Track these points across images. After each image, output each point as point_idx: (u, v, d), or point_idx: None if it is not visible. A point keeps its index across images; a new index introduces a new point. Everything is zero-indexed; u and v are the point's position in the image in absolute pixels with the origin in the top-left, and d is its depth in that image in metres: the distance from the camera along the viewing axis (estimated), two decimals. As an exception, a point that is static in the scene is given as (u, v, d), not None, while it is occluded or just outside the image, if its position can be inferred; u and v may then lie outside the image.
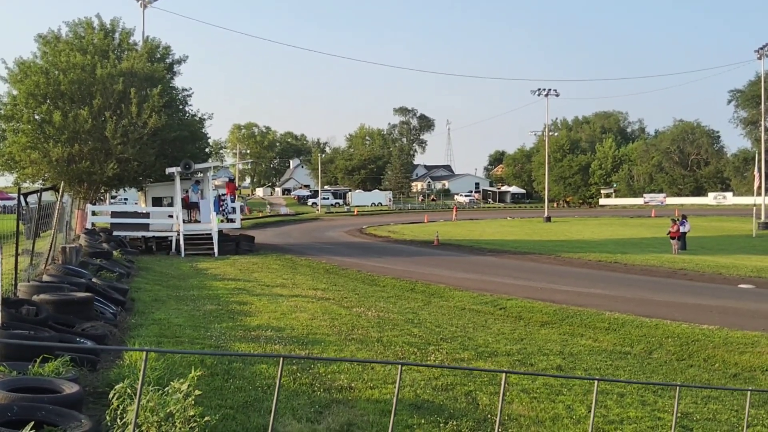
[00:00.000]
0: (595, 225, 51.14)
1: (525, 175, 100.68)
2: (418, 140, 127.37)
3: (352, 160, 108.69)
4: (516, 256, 28.96)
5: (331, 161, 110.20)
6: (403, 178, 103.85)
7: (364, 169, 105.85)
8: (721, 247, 31.55)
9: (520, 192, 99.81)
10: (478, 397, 7.72)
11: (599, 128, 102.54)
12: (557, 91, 61.32)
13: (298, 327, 11.07)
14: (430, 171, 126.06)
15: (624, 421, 7.20)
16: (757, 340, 12.35)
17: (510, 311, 15.81)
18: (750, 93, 70.92)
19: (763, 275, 21.03)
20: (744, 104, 74.38)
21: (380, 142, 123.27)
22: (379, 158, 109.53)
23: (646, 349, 12.27)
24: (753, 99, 67.08)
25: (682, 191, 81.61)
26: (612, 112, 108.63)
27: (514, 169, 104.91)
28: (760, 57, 46.69)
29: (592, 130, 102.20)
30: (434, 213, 70.47)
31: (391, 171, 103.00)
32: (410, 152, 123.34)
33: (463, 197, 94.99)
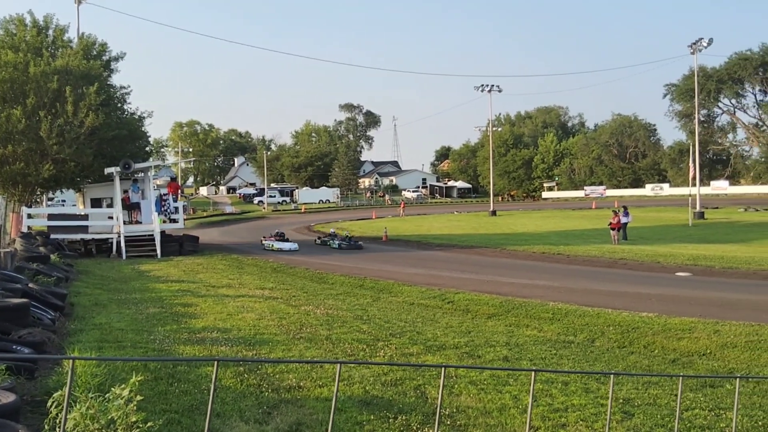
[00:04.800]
0: (538, 218, 52.20)
1: (471, 170, 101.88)
2: (365, 136, 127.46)
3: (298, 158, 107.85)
4: (463, 250, 29.29)
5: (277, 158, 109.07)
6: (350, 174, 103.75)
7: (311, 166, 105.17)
8: (659, 236, 32.64)
9: (466, 187, 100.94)
10: (427, 391, 7.77)
11: (541, 123, 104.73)
12: (500, 86, 62.05)
13: (245, 327, 10.92)
14: (377, 167, 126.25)
15: (569, 408, 7.36)
16: (694, 326, 12.80)
17: (458, 305, 15.98)
18: (684, 87, 73.45)
19: (699, 263, 21.83)
20: (679, 98, 76.97)
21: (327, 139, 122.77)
22: (326, 155, 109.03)
23: (588, 338, 12.59)
24: (687, 93, 69.50)
25: (621, 183, 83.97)
26: (553, 107, 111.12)
27: (460, 164, 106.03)
28: (694, 52, 48.42)
29: (535, 125, 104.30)
30: (382, 209, 70.64)
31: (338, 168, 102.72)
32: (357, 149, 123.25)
33: (410, 193, 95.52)
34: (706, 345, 11.75)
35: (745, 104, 77.47)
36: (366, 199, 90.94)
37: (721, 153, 79.34)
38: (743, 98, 76.92)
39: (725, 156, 78.84)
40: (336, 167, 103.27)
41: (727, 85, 74.51)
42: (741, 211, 50.41)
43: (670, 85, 79.14)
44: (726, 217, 46.47)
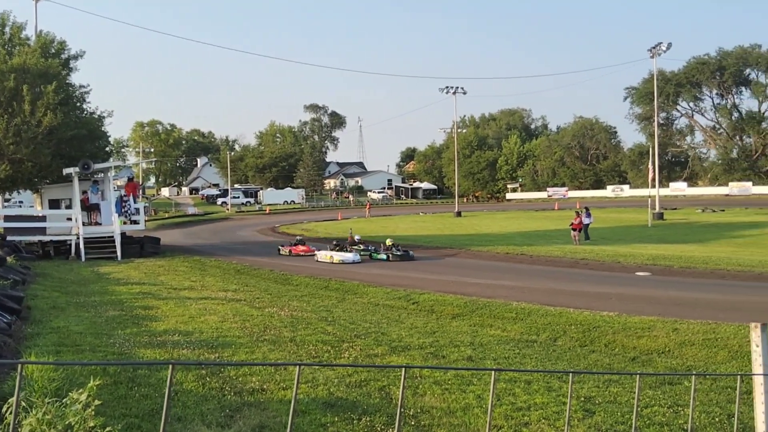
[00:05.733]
0: (502, 219, 52.72)
1: (436, 171, 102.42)
2: (330, 137, 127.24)
3: (262, 158, 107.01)
4: (428, 250, 29.39)
5: (240, 159, 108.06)
6: (315, 175, 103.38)
7: (275, 166, 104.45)
8: (620, 237, 33.24)
9: (431, 188, 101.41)
10: (392, 392, 7.76)
11: (505, 125, 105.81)
12: (464, 89, 62.54)
13: (207, 330, 10.78)
14: (342, 168, 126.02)
15: (531, 407, 7.43)
16: (654, 325, 13.06)
17: (423, 305, 16.03)
18: (644, 90, 75.04)
19: (658, 263, 22.28)
20: (638, 101, 78.61)
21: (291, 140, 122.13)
22: (290, 156, 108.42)
23: (551, 337, 12.75)
24: (647, 96, 70.99)
25: (582, 185, 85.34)
26: (517, 110, 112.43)
27: (426, 165, 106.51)
28: (653, 56, 49.42)
29: (499, 127, 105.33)
30: (348, 210, 70.53)
31: (303, 168, 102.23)
32: (322, 149, 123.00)
33: (376, 194, 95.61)
34: (665, 343, 11.99)
35: (702, 107, 79.62)
36: (331, 200, 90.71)
37: (679, 155, 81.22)
38: (701, 102, 79.07)
39: (684, 158, 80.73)
40: (301, 168, 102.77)
41: (685, 88, 76.35)
42: (699, 211, 51.65)
43: (631, 89, 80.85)
44: (684, 217, 47.56)
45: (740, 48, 73.08)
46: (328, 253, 25.85)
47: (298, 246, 28.77)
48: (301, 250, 28.27)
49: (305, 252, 27.98)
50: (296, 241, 29.88)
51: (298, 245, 28.89)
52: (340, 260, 24.94)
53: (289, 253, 28.15)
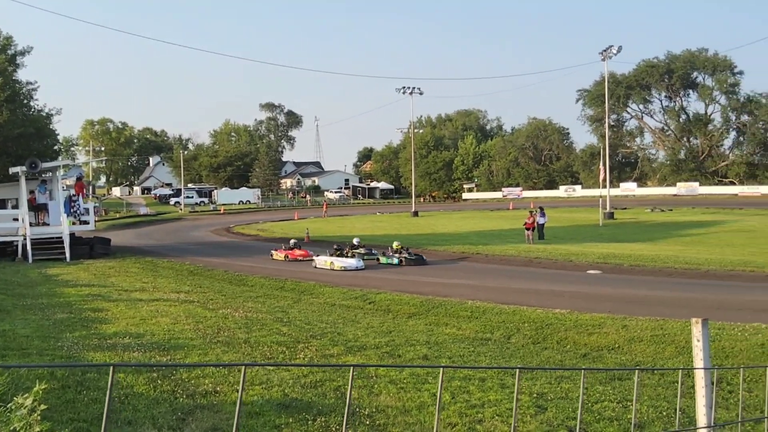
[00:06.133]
0: (459, 218, 53.19)
1: (393, 171, 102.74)
2: (287, 136, 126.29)
3: (217, 157, 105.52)
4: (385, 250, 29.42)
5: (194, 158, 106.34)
6: (271, 175, 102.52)
7: (230, 166, 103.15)
8: (572, 236, 33.89)
9: (388, 188, 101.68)
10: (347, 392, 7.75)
11: (461, 126, 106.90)
12: (421, 89, 62.87)
13: (159, 332, 10.60)
14: (299, 168, 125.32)
15: (485, 404, 7.51)
16: (604, 322, 13.34)
17: (379, 305, 16.06)
18: (595, 92, 76.68)
19: (608, 261, 22.78)
20: (590, 103, 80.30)
21: (247, 139, 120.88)
22: (246, 155, 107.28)
23: (505, 335, 12.91)
24: (598, 98, 72.53)
25: (536, 185, 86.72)
26: (472, 111, 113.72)
27: (383, 165, 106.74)
28: (604, 59, 50.53)
29: (455, 128, 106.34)
30: (305, 210, 70.18)
31: (259, 168, 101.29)
32: (278, 149, 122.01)
33: (333, 193, 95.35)
34: (615, 339, 12.27)
35: (651, 109, 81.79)
36: (288, 200, 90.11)
37: (629, 156, 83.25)
38: (650, 104, 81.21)
39: (633, 159, 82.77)
40: (257, 167, 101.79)
41: (635, 91, 78.31)
42: (648, 211, 53.04)
43: (583, 91, 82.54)
44: (634, 217, 48.76)
45: (688, 52, 75.34)
46: (328, 259, 23.11)
47: (295, 250, 26.10)
48: (299, 254, 25.69)
49: (303, 257, 25.42)
50: (292, 244, 26.85)
51: (295, 249, 26.22)
52: (342, 267, 22.28)
53: (286, 258, 25.46)
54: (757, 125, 71.04)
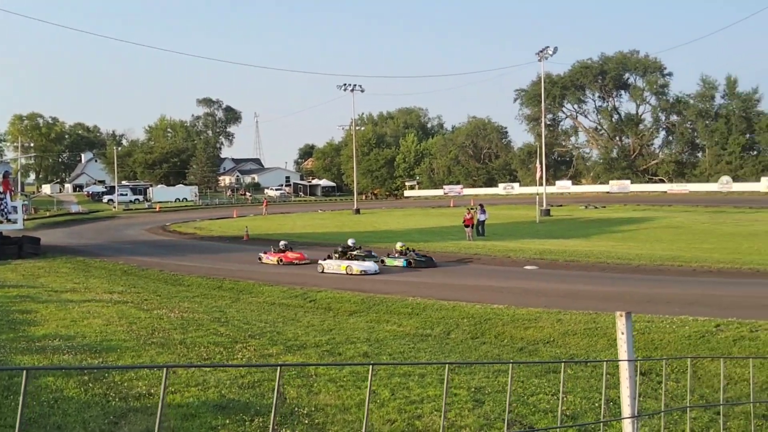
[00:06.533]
0: (400, 215, 53.45)
1: (335, 168, 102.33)
2: (225, 133, 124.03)
3: (152, 154, 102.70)
4: (327, 248, 29.24)
5: (128, 155, 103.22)
6: (209, 172, 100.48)
7: (166, 162, 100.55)
8: (510, 232, 34.52)
9: (330, 185, 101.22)
10: (286, 391, 7.68)
11: (402, 123, 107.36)
12: (362, 86, 62.78)
13: (90, 334, 10.26)
14: (238, 165, 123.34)
15: (424, 400, 7.56)
16: (540, 316, 13.65)
17: (320, 303, 15.99)
18: (532, 92, 78.28)
19: (545, 257, 23.31)
20: (527, 102, 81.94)
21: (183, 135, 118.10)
22: (182, 151, 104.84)
23: (444, 330, 13.05)
24: (535, 98, 74.06)
25: (476, 182, 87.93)
26: (414, 109, 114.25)
27: (324, 162, 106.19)
28: (540, 59, 51.58)
29: (396, 125, 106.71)
30: (244, 207, 69.16)
31: (196, 165, 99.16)
32: (217, 145, 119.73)
33: (273, 191, 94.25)
34: (550, 333, 12.57)
35: (586, 109, 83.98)
36: (227, 198, 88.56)
37: (565, 155, 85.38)
38: (584, 104, 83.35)
39: (569, 157, 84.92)
40: (194, 164, 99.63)
41: (570, 91, 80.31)
42: (582, 208, 54.53)
43: (520, 90, 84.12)
44: (569, 214, 50.05)
45: (620, 53, 77.69)
46: (342, 263, 21.04)
47: (288, 253, 23.85)
48: (294, 257, 23.59)
49: (299, 260, 23.43)
50: (283, 246, 24.31)
51: (287, 252, 23.96)
52: (362, 271, 20.37)
53: (279, 262, 23.30)
54: (685, 125, 73.96)
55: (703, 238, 28.68)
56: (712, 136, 69.76)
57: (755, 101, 68.83)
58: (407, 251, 22.50)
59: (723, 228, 33.48)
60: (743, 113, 68.23)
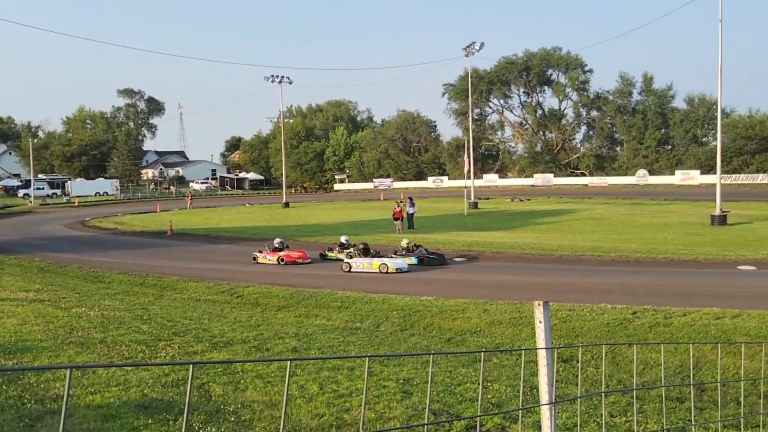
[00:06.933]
0: (330, 209, 53.28)
1: (263, 161, 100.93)
2: (148, 124, 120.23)
3: (71, 146, 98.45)
4: (254, 242, 28.84)
5: (45, 147, 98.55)
6: (131, 165, 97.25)
7: (85, 155, 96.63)
8: (439, 225, 34.99)
9: (258, 178, 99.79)
10: (212, 389, 7.54)
11: (332, 116, 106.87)
12: (290, 78, 62.08)
13: (4, 334, 9.77)
14: (162, 157, 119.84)
15: (353, 393, 7.56)
16: (467, 307, 13.90)
17: (247, 298, 15.76)
18: (460, 87, 79.42)
19: (473, 249, 23.73)
20: (455, 97, 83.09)
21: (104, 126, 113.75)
22: (103, 143, 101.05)
23: (374, 323, 13.10)
24: (463, 92, 75.17)
25: (406, 176, 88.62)
26: (343, 101, 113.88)
27: (252, 155, 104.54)
28: (467, 54, 52.39)
29: (326, 118, 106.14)
30: (168, 201, 67.30)
31: (117, 157, 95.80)
32: (139, 137, 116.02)
33: (199, 184, 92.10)
34: (477, 323, 12.82)
35: (511, 104, 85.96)
36: (150, 191, 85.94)
37: (491, 148, 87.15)
38: (510, 99, 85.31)
39: (495, 151, 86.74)
40: (115, 157, 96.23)
41: (496, 86, 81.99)
42: (508, 201, 55.87)
43: (448, 85, 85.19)
44: (496, 206, 51.16)
45: (544, 50, 79.83)
46: (374, 261, 19.68)
47: (290, 252, 22.01)
48: (296, 256, 21.68)
49: (302, 259, 21.68)
50: (278, 244, 22.30)
51: (288, 250, 22.11)
52: (397, 269, 19.23)
53: (280, 261, 21.40)
54: (605, 120, 76.82)
55: (622, 230, 29.88)
56: (629, 131, 72.68)
57: (670, 97, 72.22)
58: (414, 248, 21.19)
59: (640, 219, 34.98)
60: (659, 109, 71.41)
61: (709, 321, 12.17)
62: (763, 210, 37.69)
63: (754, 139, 61.10)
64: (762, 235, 25.90)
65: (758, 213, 35.71)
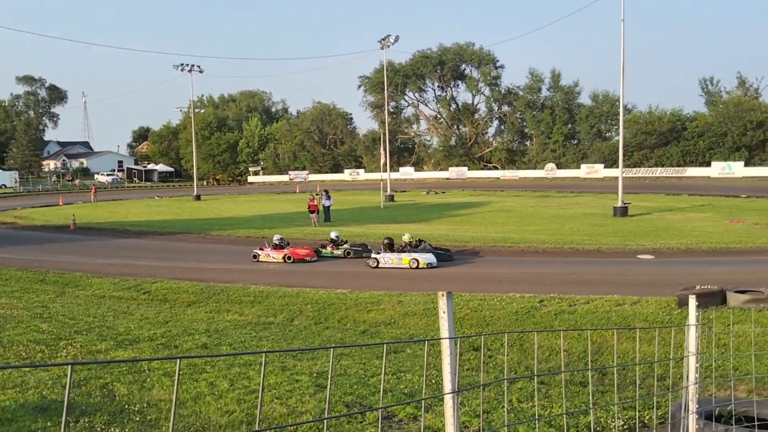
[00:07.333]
0: (244, 202, 52.32)
1: (173, 152, 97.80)
2: (49, 113, 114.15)
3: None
4: (164, 237, 28.02)
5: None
6: (31, 156, 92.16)
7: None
8: (356, 218, 35.02)
9: (168, 170, 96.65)
10: (116, 389, 7.25)
11: (245, 107, 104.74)
12: (201, 67, 60.34)
13: None
14: (64, 148, 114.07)
15: (265, 388, 7.46)
16: (381, 299, 13.98)
17: (155, 294, 15.24)
18: (375, 80, 79.61)
19: (387, 241, 23.87)
20: (371, 89, 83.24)
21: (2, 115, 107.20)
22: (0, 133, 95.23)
23: (288, 317, 12.96)
24: (378, 85, 75.41)
25: (322, 168, 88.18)
26: (257, 92, 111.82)
27: (161, 146, 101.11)
28: (383, 47, 52.55)
29: (239, 109, 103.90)
30: (72, 194, 64.16)
31: (16, 148, 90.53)
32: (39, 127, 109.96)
33: (105, 176, 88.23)
34: (391, 315, 12.91)
35: (426, 98, 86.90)
36: (52, 184, 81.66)
37: (407, 142, 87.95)
38: (425, 93, 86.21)
39: (411, 144, 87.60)
40: (14, 147, 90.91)
41: (411, 80, 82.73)
42: (424, 193, 56.62)
43: (364, 78, 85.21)
44: (412, 199, 51.70)
45: (457, 45, 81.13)
46: (404, 256, 18.80)
47: (296, 249, 20.71)
48: (304, 254, 20.46)
49: (310, 256, 20.46)
50: (278, 241, 20.82)
51: (294, 248, 20.75)
52: (428, 264, 18.58)
53: (287, 259, 20.08)
54: (516, 115, 79.01)
55: (531, 221, 30.87)
56: (538, 126, 75.10)
57: (576, 94, 75.04)
58: (417, 243, 19.82)
59: (548, 211, 36.26)
60: (566, 105, 74.14)
61: (610, 308, 12.76)
62: (661, 202, 39.91)
63: (654, 135, 64.45)
64: (660, 225, 27.39)
65: (657, 204, 37.77)
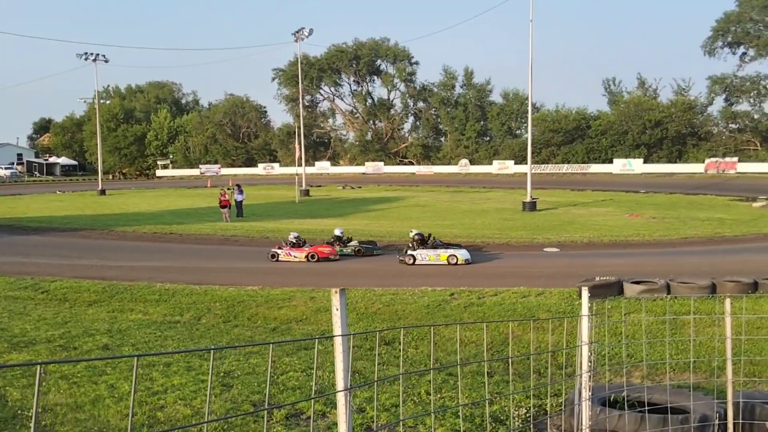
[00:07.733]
0: (152, 197, 50.60)
1: (76, 145, 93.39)
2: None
3: None
4: (65, 233, 26.70)
5: None
6: None
7: None
8: (270, 213, 34.56)
9: (71, 164, 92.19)
10: (8, 393, 6.86)
11: (154, 98, 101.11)
12: (106, 56, 57.86)
13: None
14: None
15: (168, 389, 7.24)
16: (294, 295, 13.85)
17: (54, 294, 14.50)
18: (290, 72, 78.68)
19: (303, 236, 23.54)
20: (285, 82, 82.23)
21: None
22: None
23: (195, 316, 12.62)
24: (293, 78, 74.55)
25: (235, 162, 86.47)
26: (166, 83, 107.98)
27: (64, 138, 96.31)
28: (297, 40, 52.05)
29: (147, 100, 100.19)
30: (-36, 189, 60.13)
31: None
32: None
33: (2, 170, 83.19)
34: (303, 311, 12.81)
35: (342, 93, 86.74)
36: (-59, 178, 76.31)
37: (323, 136, 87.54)
38: (341, 87, 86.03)
39: (327, 139, 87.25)
40: None
41: (327, 74, 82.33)
42: (340, 188, 56.53)
43: (278, 70, 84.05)
44: (327, 194, 51.56)
45: (373, 40, 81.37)
46: (441, 252, 18.30)
47: (319, 247, 19.82)
48: (328, 252, 19.60)
49: (333, 254, 19.58)
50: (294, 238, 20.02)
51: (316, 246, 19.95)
52: (465, 260, 18.18)
53: (310, 258, 19.21)
54: (430, 111, 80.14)
55: (445, 216, 31.43)
56: (452, 123, 76.50)
57: (488, 92, 76.88)
58: (428, 238, 19.03)
59: (461, 206, 37.02)
60: (478, 102, 75.84)
61: (516, 299, 13.17)
62: (567, 197, 41.56)
63: (560, 132, 66.96)
64: (565, 219, 28.51)
65: (563, 199, 39.30)
